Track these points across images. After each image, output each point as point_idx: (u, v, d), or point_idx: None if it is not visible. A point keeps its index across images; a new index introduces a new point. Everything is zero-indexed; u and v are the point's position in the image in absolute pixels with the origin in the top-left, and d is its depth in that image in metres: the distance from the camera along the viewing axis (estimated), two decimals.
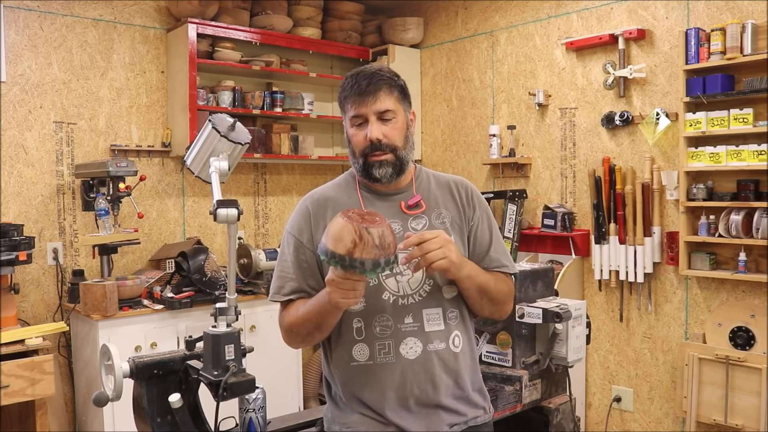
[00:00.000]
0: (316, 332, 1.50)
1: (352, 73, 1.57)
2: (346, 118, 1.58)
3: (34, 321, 3.40)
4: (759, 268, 3.04)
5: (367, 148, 1.53)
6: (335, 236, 1.31)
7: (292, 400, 3.72)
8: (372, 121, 1.52)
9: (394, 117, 1.54)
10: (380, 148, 1.52)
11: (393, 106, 1.54)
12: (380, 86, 1.53)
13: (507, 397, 2.06)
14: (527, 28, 3.96)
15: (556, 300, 2.20)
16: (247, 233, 4.29)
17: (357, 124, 1.54)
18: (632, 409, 3.56)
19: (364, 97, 1.52)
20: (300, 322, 1.50)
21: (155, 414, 1.53)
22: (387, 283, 1.52)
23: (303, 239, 1.57)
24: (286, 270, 1.57)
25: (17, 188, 3.42)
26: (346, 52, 4.47)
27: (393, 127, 1.54)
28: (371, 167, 1.53)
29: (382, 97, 1.52)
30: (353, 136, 1.55)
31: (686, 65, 3.10)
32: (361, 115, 1.53)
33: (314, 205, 1.59)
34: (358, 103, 1.52)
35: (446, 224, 1.59)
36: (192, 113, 3.69)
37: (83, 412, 3.38)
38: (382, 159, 1.52)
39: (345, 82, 1.57)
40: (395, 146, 1.53)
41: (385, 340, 1.50)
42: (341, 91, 1.57)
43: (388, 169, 1.53)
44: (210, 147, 1.64)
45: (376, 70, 1.56)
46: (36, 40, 3.47)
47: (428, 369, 1.51)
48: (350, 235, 1.29)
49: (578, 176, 3.73)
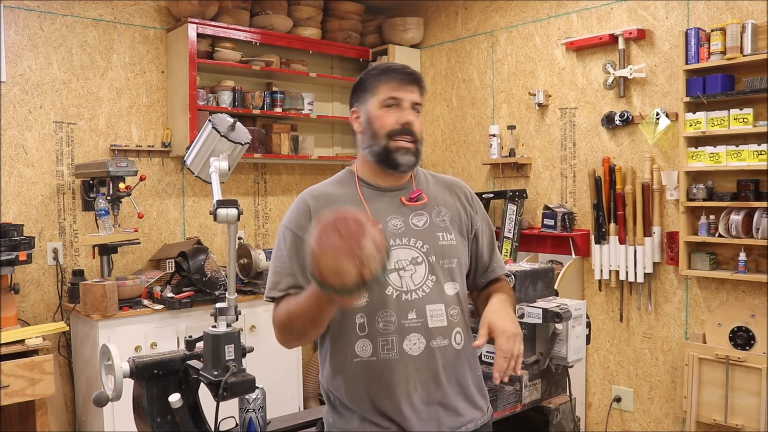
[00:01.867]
0: (312, 328, 1.44)
1: (386, 63, 1.62)
2: (370, 102, 1.57)
3: (34, 321, 3.40)
4: (759, 268, 3.04)
5: (395, 131, 1.54)
6: (335, 271, 1.21)
7: (292, 400, 3.72)
8: (406, 108, 1.56)
9: (419, 113, 1.60)
10: (409, 133, 1.55)
11: (421, 102, 1.60)
12: (419, 81, 1.59)
13: (507, 397, 2.06)
14: (527, 28, 3.97)
15: (556, 300, 2.19)
16: (247, 233, 4.29)
17: (388, 105, 1.55)
18: (632, 409, 3.56)
19: (405, 84, 1.56)
20: (294, 316, 1.44)
21: (155, 414, 1.53)
22: (390, 278, 1.50)
23: (302, 234, 1.51)
24: (282, 265, 1.54)
25: (17, 188, 3.42)
26: (346, 52, 4.47)
27: (419, 121, 1.59)
28: (395, 152, 1.54)
29: (416, 90, 1.58)
30: (380, 117, 1.55)
31: (686, 65, 3.10)
32: (398, 99, 1.55)
33: (314, 201, 1.57)
34: (398, 88, 1.55)
35: (446, 222, 1.60)
36: (192, 113, 3.69)
37: (83, 412, 3.38)
38: (409, 146, 1.55)
39: (380, 67, 1.60)
40: (417, 138, 1.57)
41: (388, 336, 1.49)
42: (376, 74, 1.58)
43: (412, 157, 1.56)
44: (210, 147, 1.64)
45: (406, 65, 1.63)
46: (36, 40, 3.47)
47: (431, 365, 1.51)
48: (350, 262, 1.20)
49: (578, 176, 3.73)
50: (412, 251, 1.53)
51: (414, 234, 1.55)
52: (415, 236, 1.55)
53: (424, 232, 1.56)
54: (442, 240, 1.56)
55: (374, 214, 1.54)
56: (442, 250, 1.55)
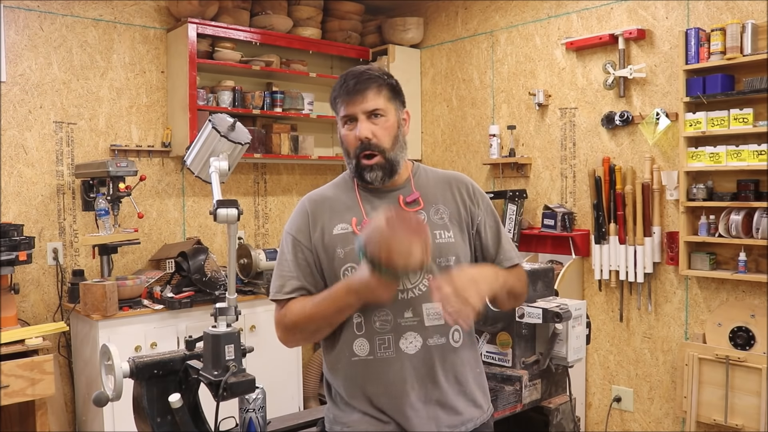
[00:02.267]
0: (327, 328, 1.53)
1: (343, 74, 1.60)
2: (338, 119, 1.61)
3: (34, 321, 3.40)
4: (759, 268, 3.04)
5: (358, 149, 1.54)
6: (405, 252, 1.32)
7: (292, 400, 3.72)
8: (361, 120, 1.54)
9: (383, 116, 1.55)
10: (369, 147, 1.53)
11: (383, 105, 1.55)
12: (368, 85, 1.54)
13: (507, 397, 2.06)
14: (527, 28, 3.96)
15: (556, 300, 2.20)
16: (247, 233, 4.29)
17: (347, 123, 1.56)
18: (632, 409, 3.56)
19: (352, 96, 1.53)
20: (309, 318, 1.51)
21: (155, 414, 1.53)
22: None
23: (300, 238, 1.58)
24: (286, 269, 1.58)
25: (17, 188, 3.42)
26: (346, 52, 4.47)
27: (383, 127, 1.55)
28: (363, 170, 1.55)
29: (370, 96, 1.53)
30: (345, 137, 1.57)
31: (686, 65, 3.10)
32: (351, 114, 1.55)
33: (312, 205, 1.61)
34: (347, 103, 1.54)
35: (444, 219, 1.59)
36: (192, 113, 3.69)
37: (83, 412, 3.38)
38: (372, 163, 1.54)
39: (336, 83, 1.59)
40: (383, 148, 1.54)
41: (384, 335, 1.51)
42: (332, 91, 1.60)
43: (379, 172, 1.55)
44: (210, 147, 1.64)
45: (365, 69, 1.58)
46: (36, 40, 3.47)
47: (428, 364, 1.51)
48: (419, 246, 1.33)
49: (578, 176, 3.73)
50: None
51: None
52: None
53: None
54: (439, 238, 1.56)
55: (371, 215, 1.55)
56: (439, 248, 1.55)
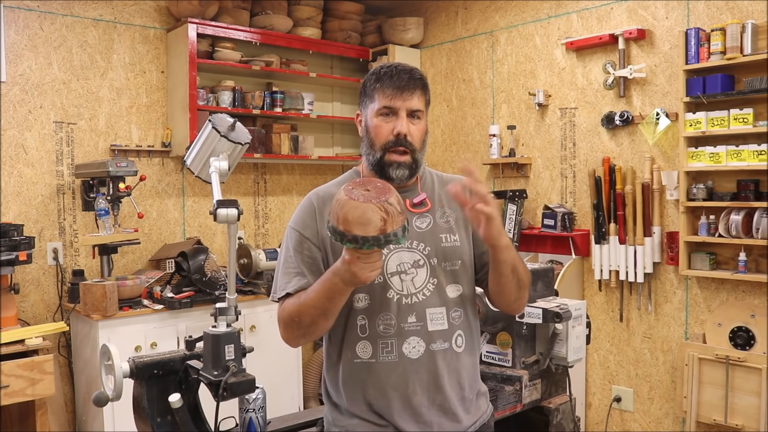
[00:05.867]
0: (322, 319, 1.44)
1: (388, 65, 1.56)
2: (369, 108, 1.56)
3: (34, 321, 3.40)
4: (759, 268, 3.04)
5: (390, 143, 1.52)
6: (360, 220, 1.26)
7: (292, 400, 3.72)
8: (402, 116, 1.52)
9: (420, 119, 1.55)
10: (404, 144, 1.51)
11: (422, 108, 1.55)
12: (418, 85, 1.54)
13: (507, 397, 2.06)
14: (527, 28, 3.96)
15: (556, 300, 2.20)
16: (247, 233, 4.29)
17: (384, 114, 1.53)
18: (632, 409, 3.56)
19: (401, 92, 1.51)
20: (304, 309, 1.45)
21: (155, 414, 1.53)
22: (392, 281, 1.51)
23: (307, 234, 1.54)
24: (291, 265, 1.54)
25: (17, 188, 3.42)
26: (346, 52, 4.47)
27: (418, 128, 1.54)
28: (388, 166, 1.53)
29: (417, 96, 1.53)
30: (377, 127, 1.53)
31: (686, 65, 3.10)
32: (394, 108, 1.52)
33: (319, 201, 1.58)
34: (394, 96, 1.52)
35: (450, 223, 1.59)
36: (192, 113, 3.69)
37: (83, 412, 3.38)
38: (402, 160, 1.52)
39: (380, 72, 1.55)
40: (414, 147, 1.53)
41: (388, 339, 1.50)
42: (374, 80, 1.55)
43: (405, 171, 1.53)
44: (210, 147, 1.64)
45: (412, 67, 1.57)
46: (36, 40, 3.47)
47: (431, 369, 1.51)
48: (377, 214, 1.26)
49: (578, 176, 3.73)
50: (414, 254, 1.53)
51: (416, 236, 1.54)
52: (417, 239, 1.54)
53: (426, 235, 1.55)
54: (445, 242, 1.55)
55: None
56: (444, 252, 1.55)
